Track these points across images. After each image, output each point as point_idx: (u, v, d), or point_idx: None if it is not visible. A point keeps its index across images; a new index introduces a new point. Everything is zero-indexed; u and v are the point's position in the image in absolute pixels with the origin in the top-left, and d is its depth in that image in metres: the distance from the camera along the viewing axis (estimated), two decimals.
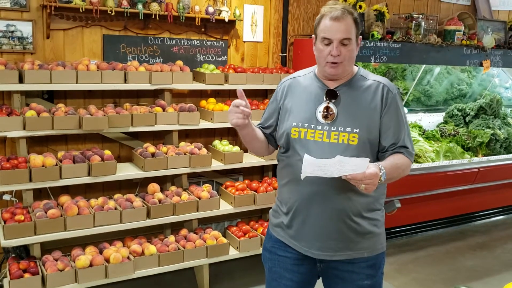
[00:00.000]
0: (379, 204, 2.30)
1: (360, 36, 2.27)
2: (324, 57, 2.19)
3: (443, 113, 6.27)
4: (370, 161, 2.01)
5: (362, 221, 2.22)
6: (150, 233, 4.16)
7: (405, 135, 2.23)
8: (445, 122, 6.17)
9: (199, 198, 3.97)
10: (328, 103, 2.22)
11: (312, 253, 2.27)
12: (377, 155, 2.25)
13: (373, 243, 2.28)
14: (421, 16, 5.15)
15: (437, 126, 6.05)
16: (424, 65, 5.75)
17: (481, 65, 5.56)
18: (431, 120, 6.14)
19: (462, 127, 6.01)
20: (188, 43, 4.40)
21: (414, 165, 4.80)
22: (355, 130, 2.17)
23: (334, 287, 2.34)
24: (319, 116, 2.22)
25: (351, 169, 1.96)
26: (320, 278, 2.41)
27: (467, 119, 6.12)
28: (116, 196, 3.85)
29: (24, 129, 3.41)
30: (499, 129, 5.88)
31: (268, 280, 2.46)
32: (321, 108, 2.23)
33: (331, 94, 2.23)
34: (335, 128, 2.19)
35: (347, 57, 2.18)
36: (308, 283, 2.41)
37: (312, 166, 2.01)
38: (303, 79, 2.36)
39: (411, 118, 5.87)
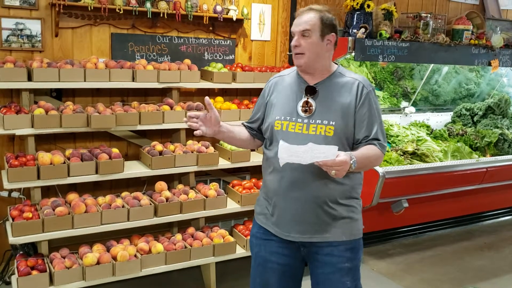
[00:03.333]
0: (355, 193, 2.45)
1: (333, 34, 2.39)
2: (291, 49, 2.43)
3: (451, 113, 6.24)
4: (339, 149, 2.19)
5: (338, 207, 2.39)
6: (157, 231, 4.16)
7: (377, 128, 2.40)
8: (453, 121, 6.14)
9: (206, 197, 3.97)
10: (307, 98, 2.41)
11: (292, 236, 2.42)
12: (352, 146, 2.40)
13: (351, 228, 2.43)
14: (429, 15, 5.13)
15: (445, 126, 6.02)
16: (432, 65, 5.73)
17: (489, 64, 5.53)
18: (439, 120, 6.11)
19: (470, 126, 5.98)
20: (196, 41, 4.40)
21: (422, 165, 4.78)
22: (331, 122, 2.35)
23: (317, 271, 2.47)
24: (300, 110, 2.40)
25: (322, 156, 2.13)
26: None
27: (475, 118, 6.09)
28: (124, 194, 3.86)
29: (32, 127, 3.43)
30: (508, 129, 5.85)
31: (253, 266, 2.61)
32: (301, 102, 2.41)
33: (310, 90, 2.41)
34: (313, 121, 2.37)
35: (308, 48, 2.35)
36: (294, 267, 2.53)
37: (287, 152, 2.17)
38: (288, 77, 2.54)
39: (419, 117, 5.85)
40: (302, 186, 2.35)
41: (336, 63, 2.52)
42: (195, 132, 2.40)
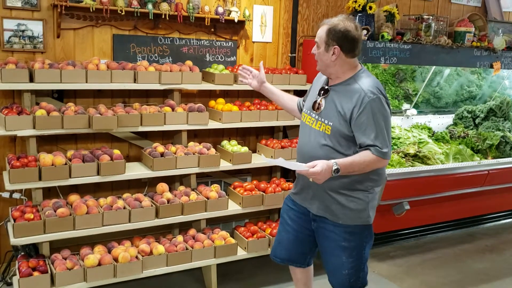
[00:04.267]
0: (362, 186, 2.82)
1: (337, 47, 2.71)
2: None
3: (453, 115, 6.24)
4: (334, 146, 2.75)
5: (337, 196, 2.82)
6: (158, 232, 4.17)
7: (375, 135, 2.67)
8: (455, 124, 6.13)
9: (208, 198, 3.97)
10: (319, 98, 2.86)
11: (305, 204, 3.01)
12: (353, 148, 2.76)
13: (352, 215, 2.84)
14: (431, 17, 5.12)
15: (447, 128, 6.02)
16: (434, 67, 5.73)
17: (491, 67, 5.53)
18: (440, 122, 6.11)
19: (471, 129, 5.97)
20: (197, 43, 4.40)
21: (424, 167, 4.78)
22: (330, 123, 2.77)
23: (322, 243, 2.99)
24: (312, 106, 2.88)
25: (294, 168, 2.73)
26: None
27: (477, 121, 6.08)
28: (125, 195, 3.86)
29: (34, 128, 3.43)
30: (509, 131, 5.84)
31: (279, 225, 3.24)
32: (314, 100, 2.89)
33: (324, 91, 2.85)
34: (321, 118, 2.82)
35: (318, 58, 2.81)
36: (305, 234, 3.08)
37: (266, 160, 3.04)
38: (323, 76, 2.97)
39: (421, 119, 5.85)
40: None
41: (360, 67, 2.84)
42: (240, 79, 3.35)
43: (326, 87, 2.84)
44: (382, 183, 2.96)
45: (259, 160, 4.32)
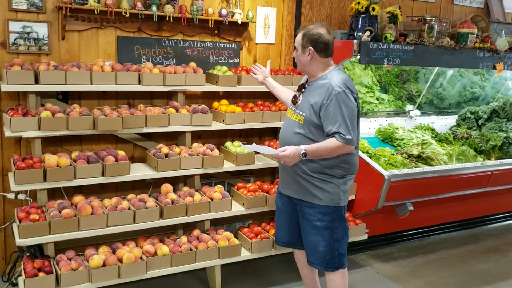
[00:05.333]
0: (331, 172, 3.20)
1: (311, 48, 3.15)
2: None
3: (456, 116, 6.24)
4: (306, 134, 3.17)
5: (309, 178, 3.21)
6: (162, 233, 4.18)
7: (340, 123, 3.04)
8: (458, 125, 6.13)
9: (212, 199, 3.98)
10: (297, 93, 3.34)
11: (285, 191, 3.44)
12: (322, 136, 3.13)
13: (324, 196, 3.21)
14: (434, 18, 5.13)
15: (450, 129, 6.02)
16: (437, 68, 5.73)
17: (494, 68, 5.53)
18: (443, 123, 6.11)
19: (474, 130, 5.97)
20: (201, 45, 4.42)
21: (427, 168, 4.78)
22: (303, 113, 3.20)
23: (301, 223, 3.40)
24: (292, 100, 3.38)
25: (266, 152, 3.23)
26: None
27: (480, 122, 6.08)
28: (130, 196, 3.88)
29: (39, 129, 3.45)
30: None
31: (276, 211, 3.64)
32: (294, 95, 3.38)
33: (300, 87, 3.34)
34: (297, 110, 3.27)
35: (297, 59, 3.27)
36: (295, 216, 3.46)
37: (246, 147, 3.34)
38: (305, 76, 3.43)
39: (424, 120, 5.85)
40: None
41: (333, 66, 3.26)
42: (250, 73, 3.93)
43: (304, 84, 3.32)
44: (353, 172, 3.32)
45: (262, 161, 4.33)
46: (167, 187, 3.97)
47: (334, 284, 3.40)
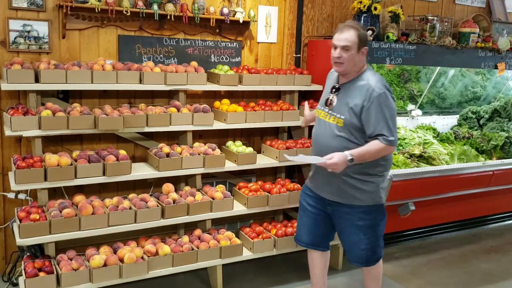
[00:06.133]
0: (372, 171, 3.18)
1: (366, 47, 3.13)
2: (332, 58, 3.16)
3: (457, 116, 6.23)
4: (349, 138, 3.12)
5: (350, 180, 3.17)
6: (164, 233, 4.17)
7: (384, 125, 3.03)
8: (459, 124, 6.12)
9: (213, 199, 3.97)
10: (332, 95, 3.24)
11: (320, 194, 3.36)
12: (363, 137, 3.11)
13: (365, 197, 3.20)
14: (436, 18, 5.12)
15: (451, 129, 6.00)
16: (439, 67, 5.72)
17: (496, 67, 5.52)
18: (445, 123, 6.10)
19: (476, 129, 5.96)
20: (202, 44, 4.40)
21: (429, 168, 4.77)
22: (341, 116, 3.14)
23: (339, 224, 3.37)
24: (326, 102, 3.27)
25: (314, 161, 3.11)
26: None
27: (481, 121, 6.07)
28: (131, 196, 3.86)
29: (39, 128, 3.43)
30: None
31: (299, 210, 3.60)
32: (327, 97, 3.27)
33: (335, 89, 3.24)
34: (332, 112, 3.20)
35: (347, 60, 3.09)
36: (323, 216, 3.42)
37: (288, 157, 3.30)
38: (333, 75, 3.35)
39: (425, 120, 5.84)
40: None
41: (369, 68, 3.23)
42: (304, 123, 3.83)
43: (337, 85, 3.23)
44: (389, 167, 3.33)
45: (264, 161, 4.32)
46: (168, 186, 3.96)
47: (370, 277, 3.50)
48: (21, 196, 3.74)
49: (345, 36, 3.07)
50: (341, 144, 3.11)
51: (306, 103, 3.99)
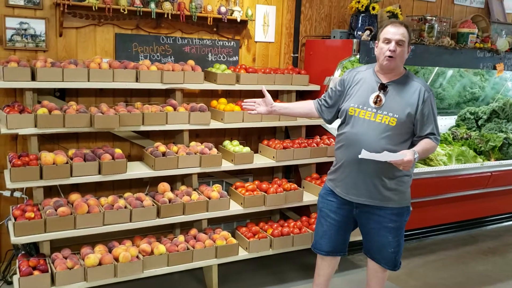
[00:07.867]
0: (406, 171, 3.09)
1: (411, 46, 3.19)
2: (384, 52, 3.06)
3: (455, 116, 6.22)
4: (399, 138, 3.06)
5: (388, 181, 3.12)
6: (159, 232, 4.16)
7: (434, 125, 3.11)
8: (457, 125, 6.12)
9: (209, 198, 3.95)
10: (379, 92, 3.11)
11: (350, 197, 3.22)
12: (412, 137, 3.13)
13: (398, 197, 3.16)
14: (434, 18, 5.10)
15: (449, 129, 6.00)
16: (437, 68, 5.71)
17: (494, 68, 5.51)
18: (443, 123, 6.09)
19: (474, 130, 5.95)
20: (199, 42, 4.39)
21: (426, 169, 4.76)
22: (395, 115, 3.06)
23: (367, 225, 3.28)
24: (371, 101, 3.13)
25: (387, 158, 2.91)
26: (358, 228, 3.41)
27: (480, 122, 6.06)
28: (126, 195, 3.85)
29: (35, 126, 3.42)
30: None
31: (318, 217, 3.44)
32: (373, 95, 3.13)
33: (383, 87, 3.12)
34: (381, 111, 3.09)
35: (399, 55, 3.05)
36: (347, 223, 3.34)
37: (367, 155, 2.94)
38: (365, 73, 3.25)
39: None
40: (362, 161, 3.03)
41: (404, 68, 3.20)
42: (248, 112, 3.55)
43: (385, 84, 3.13)
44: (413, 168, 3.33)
45: (261, 161, 4.30)
46: (164, 186, 3.95)
47: (379, 280, 3.43)
48: (17, 194, 3.73)
49: (401, 31, 3.04)
50: (387, 144, 3.05)
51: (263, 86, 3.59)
